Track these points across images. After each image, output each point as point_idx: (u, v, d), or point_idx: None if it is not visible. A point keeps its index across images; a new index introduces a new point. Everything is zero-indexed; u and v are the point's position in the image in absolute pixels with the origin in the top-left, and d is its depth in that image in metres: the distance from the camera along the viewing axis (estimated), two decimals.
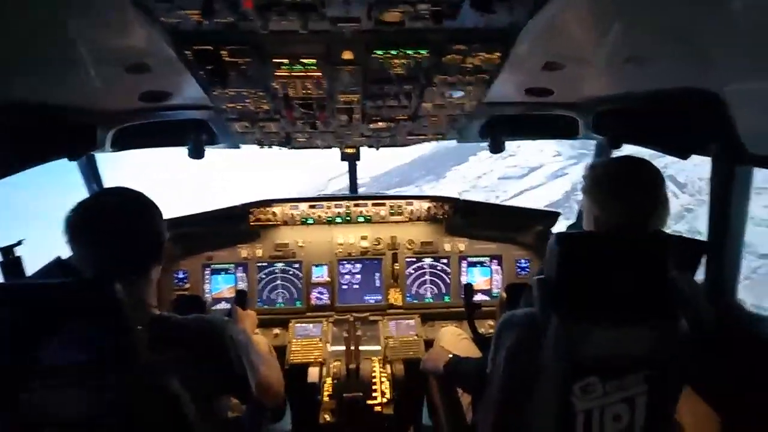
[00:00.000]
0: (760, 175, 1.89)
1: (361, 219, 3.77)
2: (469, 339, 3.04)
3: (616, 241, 1.66)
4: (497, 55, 1.84)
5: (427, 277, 3.80)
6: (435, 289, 3.79)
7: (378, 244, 3.78)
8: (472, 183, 27.06)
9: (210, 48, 1.67)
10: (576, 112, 2.74)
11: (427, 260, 3.80)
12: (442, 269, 3.80)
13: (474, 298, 3.12)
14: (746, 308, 1.99)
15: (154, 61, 1.79)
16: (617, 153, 2.73)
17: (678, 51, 1.58)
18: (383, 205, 3.77)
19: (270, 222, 3.71)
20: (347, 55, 1.82)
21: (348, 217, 3.76)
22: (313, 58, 1.83)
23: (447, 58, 1.85)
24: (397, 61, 1.86)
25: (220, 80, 1.88)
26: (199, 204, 3.98)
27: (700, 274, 2.09)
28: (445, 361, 2.43)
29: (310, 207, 3.75)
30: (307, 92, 2.16)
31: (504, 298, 2.74)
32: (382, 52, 1.78)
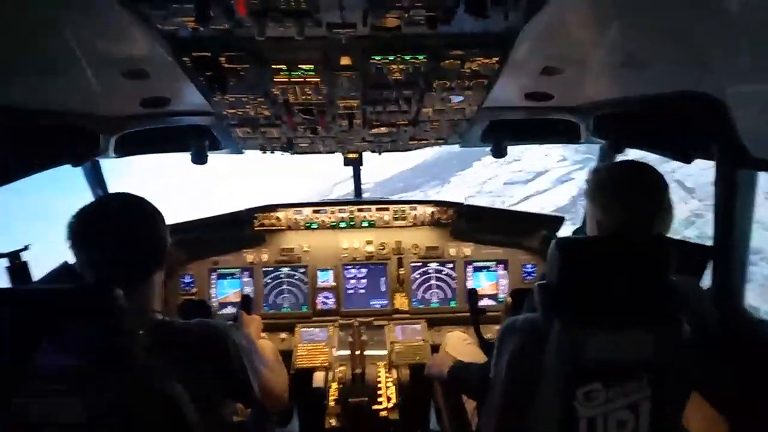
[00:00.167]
0: None
1: (365, 224, 3.77)
2: (474, 344, 3.03)
3: (616, 245, 1.64)
4: (495, 59, 1.83)
5: (432, 282, 3.79)
6: (441, 294, 3.77)
7: (383, 249, 3.77)
8: (477, 188, 26.98)
9: (208, 54, 1.69)
10: (577, 116, 2.73)
11: (433, 265, 3.79)
12: (447, 274, 3.79)
13: (480, 303, 3.10)
14: (754, 313, 1.96)
15: (153, 68, 1.81)
16: (622, 158, 2.72)
17: (677, 53, 1.57)
18: (387, 210, 3.77)
19: (274, 227, 3.72)
20: (345, 60, 1.82)
21: (352, 222, 3.76)
22: (311, 64, 1.84)
23: (445, 63, 1.85)
24: (395, 67, 1.87)
25: (220, 86, 1.89)
26: (204, 209, 4.00)
27: (707, 280, 2.07)
28: (450, 367, 2.42)
29: (314, 212, 3.75)
30: (307, 98, 2.17)
31: (509, 303, 2.73)
32: (379, 58, 1.78)
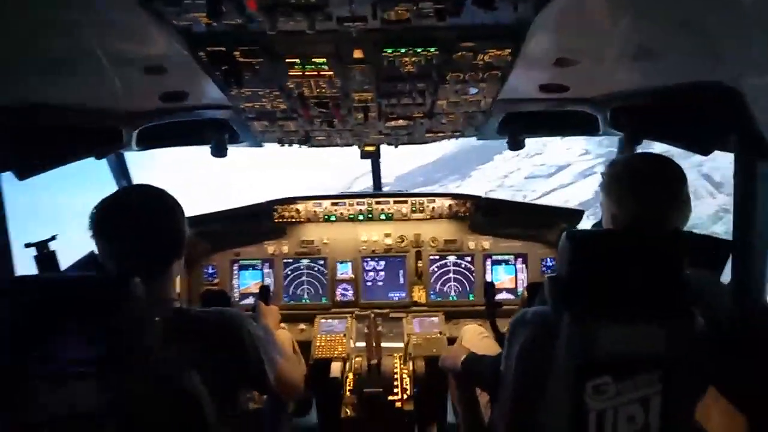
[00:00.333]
0: None
1: (383, 216, 3.79)
2: (491, 338, 3.02)
3: (627, 238, 1.63)
4: (508, 51, 1.82)
5: (451, 275, 3.79)
6: (459, 287, 3.78)
7: (402, 242, 3.80)
8: (498, 182, 26.54)
9: (223, 49, 1.71)
10: (593, 108, 2.68)
11: (451, 258, 3.80)
12: (466, 267, 3.79)
13: (498, 296, 3.09)
14: None
15: (171, 63, 1.85)
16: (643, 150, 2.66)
17: (691, 43, 1.54)
18: (405, 202, 3.77)
19: (294, 219, 3.77)
20: (357, 53, 1.83)
21: (370, 215, 3.78)
22: (323, 58, 1.85)
23: (457, 55, 1.84)
24: (407, 59, 1.86)
25: (236, 80, 1.91)
26: (224, 201, 4.08)
27: (727, 274, 2.02)
28: (463, 359, 2.42)
29: (333, 204, 3.79)
30: (322, 91, 2.19)
31: (526, 296, 2.72)
32: (391, 51, 1.78)
